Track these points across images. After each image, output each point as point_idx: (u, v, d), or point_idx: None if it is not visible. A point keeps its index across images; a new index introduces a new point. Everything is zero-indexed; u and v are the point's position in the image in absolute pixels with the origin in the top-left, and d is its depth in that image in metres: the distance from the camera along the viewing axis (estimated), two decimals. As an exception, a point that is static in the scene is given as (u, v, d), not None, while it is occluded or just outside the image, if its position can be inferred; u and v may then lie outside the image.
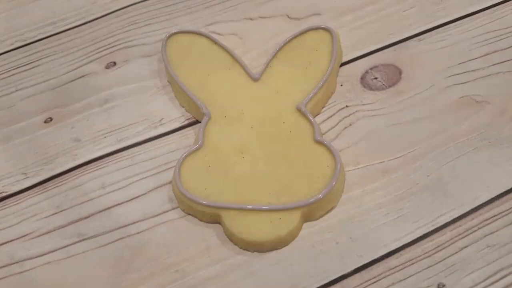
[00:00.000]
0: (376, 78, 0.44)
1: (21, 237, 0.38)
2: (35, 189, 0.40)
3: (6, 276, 0.36)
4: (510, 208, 0.37)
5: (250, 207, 0.37)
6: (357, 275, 0.35)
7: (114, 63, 0.47)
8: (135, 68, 0.46)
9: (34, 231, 0.38)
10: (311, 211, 0.37)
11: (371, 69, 0.44)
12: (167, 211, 0.38)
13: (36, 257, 0.37)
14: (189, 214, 0.38)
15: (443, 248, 0.35)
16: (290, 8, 0.49)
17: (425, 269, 0.35)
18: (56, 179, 0.40)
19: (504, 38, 0.45)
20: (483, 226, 0.36)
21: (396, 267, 0.35)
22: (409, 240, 0.36)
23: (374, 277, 0.35)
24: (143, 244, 0.37)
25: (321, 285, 0.35)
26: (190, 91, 0.42)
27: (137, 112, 0.44)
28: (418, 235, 0.36)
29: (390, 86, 0.43)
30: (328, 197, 0.37)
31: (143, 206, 0.39)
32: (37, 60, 0.48)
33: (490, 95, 0.42)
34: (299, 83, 0.42)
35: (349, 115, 0.42)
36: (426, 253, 0.35)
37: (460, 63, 0.44)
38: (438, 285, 0.34)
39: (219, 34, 0.47)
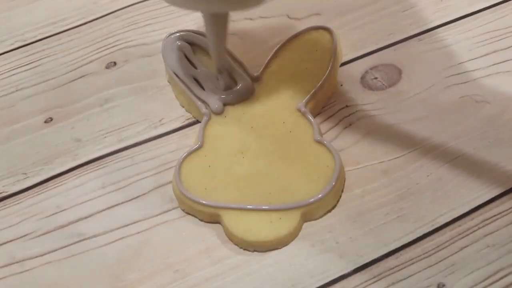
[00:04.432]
0: (376, 78, 0.44)
1: (21, 237, 0.38)
2: (35, 189, 0.40)
3: (6, 276, 0.36)
4: (510, 208, 0.37)
5: (250, 207, 0.37)
6: (357, 275, 0.35)
7: (114, 63, 0.47)
8: (135, 68, 0.46)
9: (34, 231, 0.38)
10: (311, 211, 0.37)
11: (371, 69, 0.44)
12: (167, 211, 0.38)
13: (36, 257, 0.37)
14: (189, 214, 0.38)
15: (443, 248, 0.35)
16: (290, 8, 0.49)
17: (425, 269, 0.35)
18: (56, 179, 0.41)
19: (504, 38, 0.45)
20: (483, 226, 0.36)
21: (396, 267, 0.35)
22: (409, 240, 0.36)
23: (374, 277, 0.35)
24: (143, 244, 0.37)
25: (321, 285, 0.35)
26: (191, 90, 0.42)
27: (137, 112, 0.44)
28: (418, 235, 0.36)
29: (390, 86, 0.43)
30: (328, 197, 0.37)
31: (143, 206, 0.39)
32: (37, 60, 0.48)
33: (490, 95, 0.42)
34: (299, 83, 0.42)
35: (349, 115, 0.42)
36: (426, 253, 0.35)
37: (460, 63, 0.44)
38: (438, 285, 0.34)
39: (219, 34, 0.47)
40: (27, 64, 0.48)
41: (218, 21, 0.38)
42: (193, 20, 0.49)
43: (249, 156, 0.39)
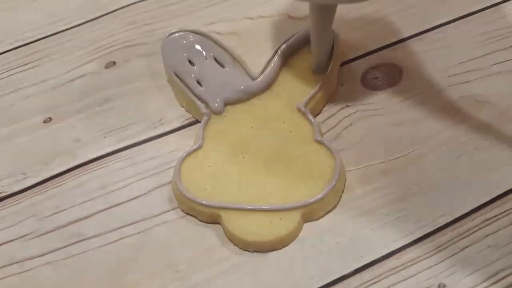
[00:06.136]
0: (376, 78, 0.44)
1: (21, 237, 0.38)
2: (35, 189, 0.40)
3: (6, 276, 0.36)
4: (510, 208, 0.37)
5: (250, 207, 0.37)
6: (358, 276, 0.35)
7: (114, 63, 0.47)
8: (135, 68, 0.46)
9: (34, 231, 0.38)
10: (311, 211, 0.37)
11: (371, 68, 0.44)
12: (167, 211, 0.38)
13: (36, 257, 0.37)
14: (189, 214, 0.38)
15: (444, 249, 0.35)
16: (290, 8, 0.49)
17: (426, 269, 0.35)
18: (56, 179, 0.40)
19: (505, 37, 0.45)
20: (484, 227, 0.36)
21: (396, 267, 0.35)
22: (409, 240, 0.36)
23: (375, 278, 0.35)
24: (142, 245, 0.37)
25: (322, 285, 0.35)
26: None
27: (137, 112, 0.44)
28: (419, 235, 0.36)
29: (390, 86, 0.43)
30: (328, 197, 0.37)
31: (143, 206, 0.39)
32: (37, 60, 0.48)
33: (490, 94, 0.42)
34: (299, 82, 0.42)
35: (349, 115, 0.42)
36: (427, 253, 0.35)
37: (460, 63, 0.44)
38: (439, 285, 0.34)
39: (219, 33, 0.47)
40: (26, 64, 0.48)
41: (325, 13, 0.38)
42: (192, 20, 0.49)
43: (249, 156, 0.39)
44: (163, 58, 0.44)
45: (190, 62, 0.43)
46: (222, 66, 0.43)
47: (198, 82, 0.42)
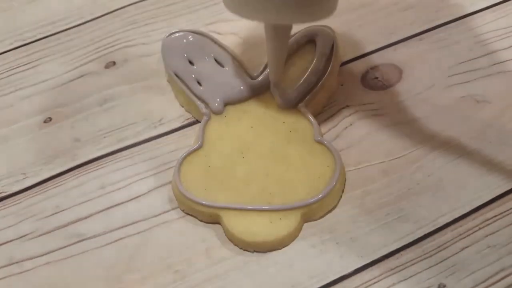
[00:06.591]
0: (376, 78, 0.44)
1: (21, 237, 0.38)
2: (35, 189, 0.40)
3: (6, 276, 0.36)
4: (510, 208, 0.36)
5: (250, 207, 0.37)
6: (358, 276, 0.35)
7: (114, 63, 0.47)
8: (135, 68, 0.46)
9: (33, 231, 0.38)
10: (311, 211, 0.37)
11: (371, 68, 0.44)
12: (167, 211, 0.38)
13: (35, 257, 0.37)
14: (189, 214, 0.38)
15: (444, 249, 0.35)
16: (290, 8, 0.49)
17: (426, 269, 0.35)
18: (56, 179, 0.40)
19: (505, 37, 0.45)
20: (484, 227, 0.36)
21: (396, 267, 0.35)
22: (409, 241, 0.36)
23: (375, 278, 0.35)
24: (143, 244, 0.37)
25: (322, 285, 0.35)
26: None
27: (137, 112, 0.44)
28: (419, 236, 0.36)
29: (390, 86, 0.43)
30: (329, 197, 0.37)
31: (143, 206, 0.39)
32: (37, 60, 0.48)
33: (491, 94, 0.42)
34: (299, 82, 0.42)
35: (349, 115, 0.42)
36: (427, 253, 0.35)
37: (460, 63, 0.44)
38: (439, 285, 0.34)
39: (219, 33, 0.47)
40: (26, 64, 0.47)
41: (280, 33, 0.38)
42: (192, 20, 0.49)
43: (249, 156, 0.39)
44: (163, 58, 0.44)
45: (190, 62, 0.43)
46: (222, 66, 0.43)
47: (198, 82, 0.42)
